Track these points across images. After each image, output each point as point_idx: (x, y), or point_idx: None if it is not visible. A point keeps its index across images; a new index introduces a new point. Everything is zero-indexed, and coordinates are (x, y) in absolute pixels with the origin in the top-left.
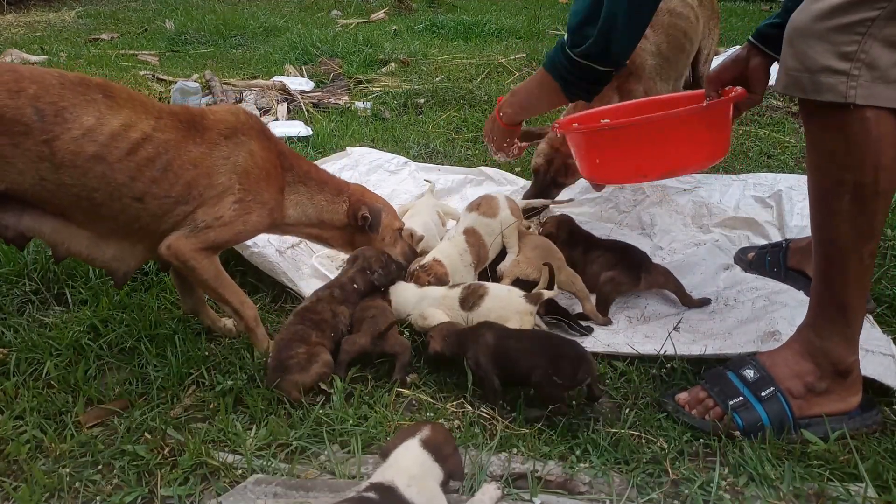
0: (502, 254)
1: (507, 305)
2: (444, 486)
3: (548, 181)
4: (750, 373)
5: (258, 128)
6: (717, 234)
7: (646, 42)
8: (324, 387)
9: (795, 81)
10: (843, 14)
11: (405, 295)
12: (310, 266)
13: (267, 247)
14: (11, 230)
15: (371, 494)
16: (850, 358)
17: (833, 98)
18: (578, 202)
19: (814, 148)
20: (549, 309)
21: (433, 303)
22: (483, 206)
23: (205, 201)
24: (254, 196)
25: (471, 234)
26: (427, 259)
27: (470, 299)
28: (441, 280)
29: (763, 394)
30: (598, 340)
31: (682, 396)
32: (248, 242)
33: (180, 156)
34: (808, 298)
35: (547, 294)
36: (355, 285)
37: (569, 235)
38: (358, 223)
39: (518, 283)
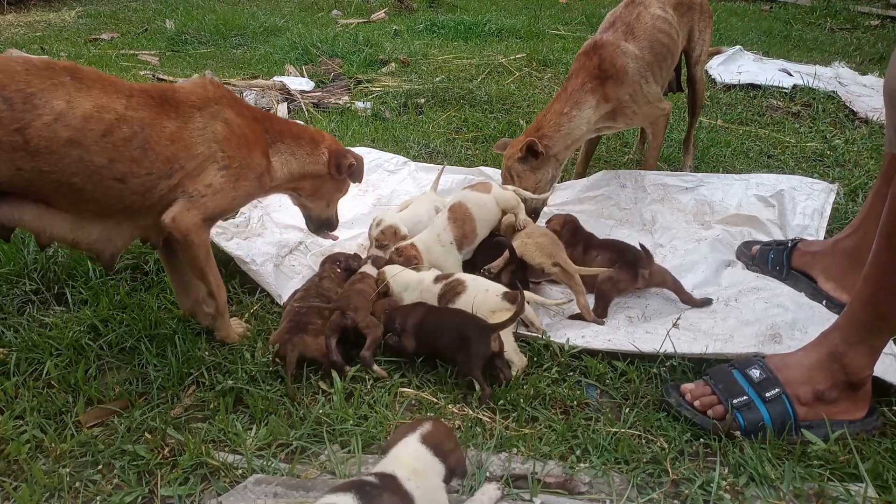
0: (490, 246)
1: (481, 304)
2: (448, 481)
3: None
4: (756, 373)
5: (228, 96)
6: (719, 230)
7: (627, 47)
8: (324, 386)
9: None
10: None
11: (404, 278)
12: (307, 267)
13: (265, 263)
14: None
15: (372, 479)
16: (866, 371)
17: None
18: (579, 199)
19: None
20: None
21: (417, 297)
22: (478, 186)
23: (188, 172)
24: (240, 162)
25: (456, 210)
26: (404, 243)
27: (447, 296)
28: (409, 261)
29: (768, 395)
30: (599, 336)
31: (688, 386)
32: (247, 259)
33: (157, 132)
34: (808, 301)
35: (528, 296)
36: (338, 271)
37: (571, 234)
38: (342, 172)
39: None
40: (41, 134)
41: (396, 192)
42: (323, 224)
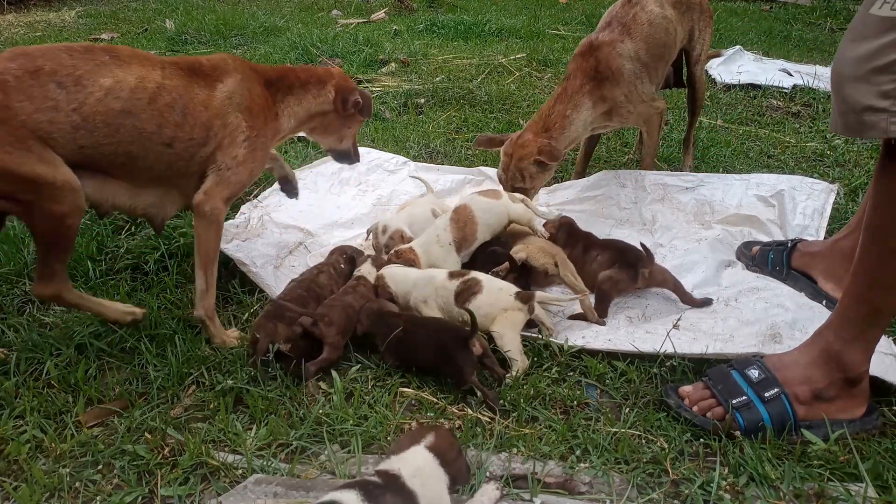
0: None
1: (495, 303)
2: (450, 489)
3: (509, 190)
4: (754, 373)
5: (249, 66)
6: (719, 229)
7: (623, 47)
8: (324, 386)
9: (846, 122)
10: (880, 56)
11: (407, 278)
12: (307, 267)
13: (265, 266)
14: None
15: (375, 479)
16: (862, 367)
17: (877, 135)
18: (579, 199)
19: (890, 153)
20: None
21: (431, 293)
22: (488, 193)
23: (220, 142)
24: (258, 132)
25: (460, 211)
26: (403, 246)
27: (464, 294)
28: (406, 265)
29: (767, 394)
30: (599, 336)
31: (686, 389)
32: (247, 261)
33: (192, 99)
34: (809, 301)
35: (539, 296)
36: (342, 265)
37: (568, 236)
38: (347, 108)
39: (517, 278)
40: (96, 109)
41: (396, 192)
42: (341, 156)
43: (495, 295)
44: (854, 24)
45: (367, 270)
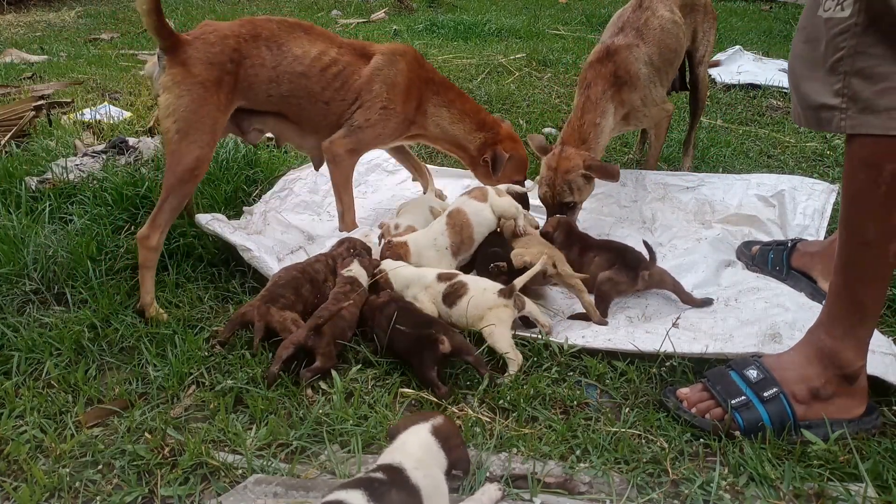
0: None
1: (480, 303)
2: (448, 475)
3: (557, 206)
4: (753, 373)
5: (412, 54)
6: (719, 229)
7: (639, 52)
8: (324, 387)
9: (806, 117)
10: (826, 58)
11: (404, 275)
12: None
13: (269, 252)
14: (249, 129)
15: (379, 475)
16: (857, 363)
17: (832, 130)
18: None
19: (854, 142)
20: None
21: (421, 290)
22: (475, 192)
23: (363, 103)
24: (395, 105)
25: (455, 216)
26: (397, 239)
27: (451, 297)
28: (398, 258)
29: (765, 394)
30: (599, 336)
31: (684, 391)
32: (251, 246)
33: (353, 72)
34: (808, 301)
35: (519, 284)
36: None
37: (565, 237)
38: (481, 161)
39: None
40: (285, 70)
41: (395, 196)
42: None
43: (480, 295)
44: (803, 24)
45: (358, 272)
